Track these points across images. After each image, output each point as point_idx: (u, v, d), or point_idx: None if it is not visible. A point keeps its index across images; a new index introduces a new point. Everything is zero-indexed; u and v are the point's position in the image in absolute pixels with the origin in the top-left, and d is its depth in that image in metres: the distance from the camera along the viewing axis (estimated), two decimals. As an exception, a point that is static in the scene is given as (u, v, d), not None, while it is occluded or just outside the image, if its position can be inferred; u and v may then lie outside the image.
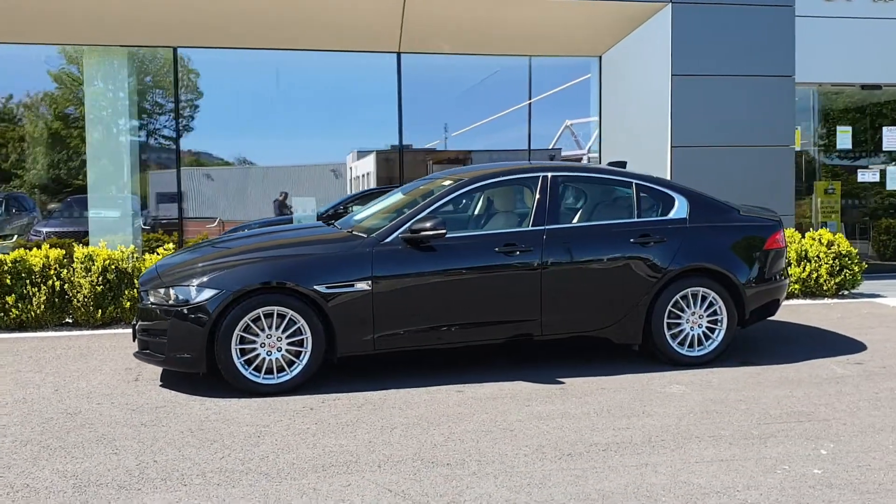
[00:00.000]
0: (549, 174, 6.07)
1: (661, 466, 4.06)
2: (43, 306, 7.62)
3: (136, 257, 8.04)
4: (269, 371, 5.41)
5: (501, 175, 6.21)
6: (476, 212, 6.55)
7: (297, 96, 12.66)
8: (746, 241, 6.24)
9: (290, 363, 5.44)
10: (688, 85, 10.06)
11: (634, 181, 6.22)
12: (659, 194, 6.23)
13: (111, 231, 11.55)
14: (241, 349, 5.36)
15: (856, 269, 9.06)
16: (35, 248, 7.96)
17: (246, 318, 5.33)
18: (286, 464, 4.13)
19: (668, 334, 6.04)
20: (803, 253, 9.07)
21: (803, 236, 9.31)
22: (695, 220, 6.17)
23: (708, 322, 6.14)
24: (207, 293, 5.31)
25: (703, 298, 6.11)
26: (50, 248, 7.96)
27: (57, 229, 12.99)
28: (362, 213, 6.50)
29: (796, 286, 9.01)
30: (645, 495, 3.71)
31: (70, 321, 7.93)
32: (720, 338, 6.14)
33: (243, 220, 12.25)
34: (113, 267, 7.80)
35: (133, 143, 12.03)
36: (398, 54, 11.16)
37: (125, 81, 11.48)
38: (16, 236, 12.45)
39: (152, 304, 5.51)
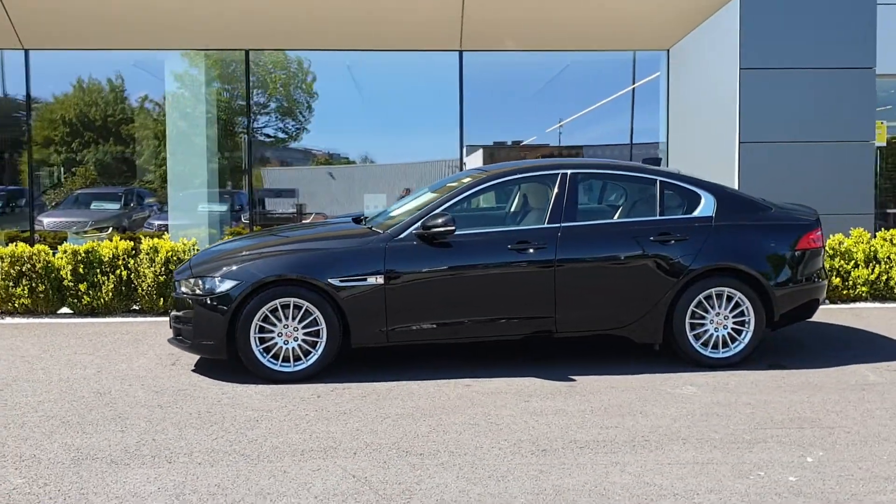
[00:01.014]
0: (569, 171, 6.05)
1: (631, 466, 4.04)
2: (111, 294, 8.18)
3: (198, 249, 8.49)
4: (287, 359, 5.66)
5: (520, 172, 6.24)
6: (494, 209, 6.60)
7: (409, 95, 12.96)
8: (777, 241, 6.03)
9: (307, 352, 5.68)
10: (758, 78, 9.72)
11: (659, 178, 6.12)
12: (684, 192, 6.11)
13: (214, 225, 12.24)
14: (260, 338, 5.63)
15: (931, 271, 8.54)
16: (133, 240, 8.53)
17: (264, 309, 5.59)
18: (270, 447, 4.35)
19: (690, 335, 5.92)
20: (872, 254, 8.62)
21: (874, 236, 8.84)
22: (722, 218, 6.01)
23: (734, 323, 5.97)
24: (228, 284, 5.61)
25: (729, 299, 5.95)
26: (120, 240, 8.52)
27: (166, 222, 13.84)
28: (392, 212, 6.67)
29: (864, 289, 8.58)
30: (599, 493, 3.71)
31: (136, 308, 8.47)
32: (747, 339, 5.96)
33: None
34: (175, 258, 8.27)
35: (246, 141, 12.69)
36: (460, 52, 11.27)
37: (239, 83, 12.03)
38: (110, 228, 13.28)
39: (183, 293, 5.86)
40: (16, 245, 8.27)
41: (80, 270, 8.23)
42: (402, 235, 5.77)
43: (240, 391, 5.45)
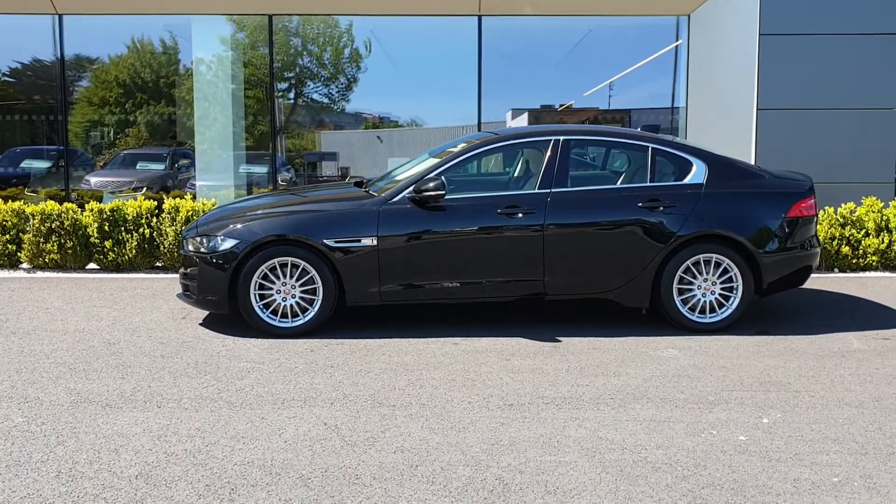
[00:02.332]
0: (561, 138, 6.17)
1: (589, 422, 4.23)
2: (134, 251, 8.57)
3: (217, 209, 8.80)
4: (285, 315, 5.94)
5: (513, 139, 6.39)
6: (488, 174, 6.75)
7: (455, 59, 13.09)
8: (767, 209, 6.09)
9: (304, 309, 5.95)
10: (777, 44, 9.62)
11: (651, 145, 6.21)
12: (676, 159, 6.19)
13: (244, 186, 12.59)
14: (259, 294, 5.91)
15: (944, 241, 8.47)
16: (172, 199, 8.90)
17: (263, 267, 5.87)
18: (254, 396, 4.64)
19: (677, 300, 6.04)
20: (884, 223, 8.56)
21: (886, 205, 8.77)
22: (712, 185, 6.09)
23: (722, 289, 6.08)
24: (230, 243, 5.89)
25: (718, 265, 6.05)
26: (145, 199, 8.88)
27: (207, 183, 14.24)
28: (396, 176, 6.86)
29: (874, 258, 8.55)
30: (551, 445, 3.91)
31: (159, 265, 8.85)
32: (734, 305, 6.07)
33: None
34: (195, 217, 8.60)
35: (283, 105, 12.94)
36: (479, 17, 11.32)
37: (273, 48, 12.28)
38: (145, 188, 13.70)
39: (190, 251, 6.16)
40: (46, 203, 8.68)
41: (106, 228, 8.61)
42: (395, 199, 5.97)
43: (239, 344, 5.76)
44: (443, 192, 5.83)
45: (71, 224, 8.56)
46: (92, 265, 8.90)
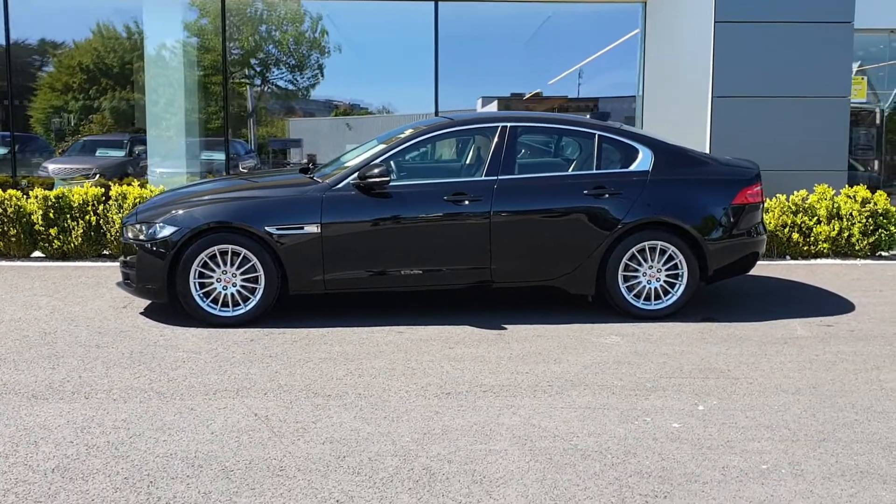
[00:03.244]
0: (509, 125, 6.11)
1: (524, 409, 4.19)
2: (80, 239, 8.38)
3: (166, 197, 8.63)
4: (226, 304, 5.83)
5: (461, 125, 6.32)
6: (437, 161, 6.68)
7: (423, 46, 12.97)
8: (713, 196, 6.09)
9: (246, 298, 5.84)
10: (732, 32, 9.64)
11: (597, 132, 6.17)
12: (622, 146, 6.16)
13: (200, 173, 12.39)
14: (200, 283, 5.80)
15: (893, 229, 8.55)
16: (78, 187, 8.71)
17: (202, 255, 5.75)
18: (186, 386, 4.54)
19: (622, 287, 6.03)
20: (835, 210, 8.63)
21: (837, 193, 8.84)
22: (658, 172, 6.07)
23: (668, 276, 6.07)
24: (169, 230, 5.77)
25: (663, 252, 6.04)
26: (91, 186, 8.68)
27: (169, 169, 14.00)
28: (346, 162, 6.75)
29: (825, 245, 8.61)
30: (484, 433, 3.87)
31: (107, 253, 8.68)
32: (679, 292, 6.07)
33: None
34: (143, 205, 8.43)
35: (253, 92, 12.73)
36: (435, 2, 11.21)
37: (225, 32, 12.05)
38: (98, 175, 13.43)
39: (130, 238, 6.02)
40: (-12, 190, 8.46)
41: (51, 215, 8.42)
42: (339, 185, 5.88)
43: (178, 334, 5.64)
44: (387, 179, 5.75)
45: (14, 211, 8.36)
46: (37, 253, 8.70)
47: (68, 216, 8.42)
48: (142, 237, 5.88)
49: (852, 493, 3.28)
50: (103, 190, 8.66)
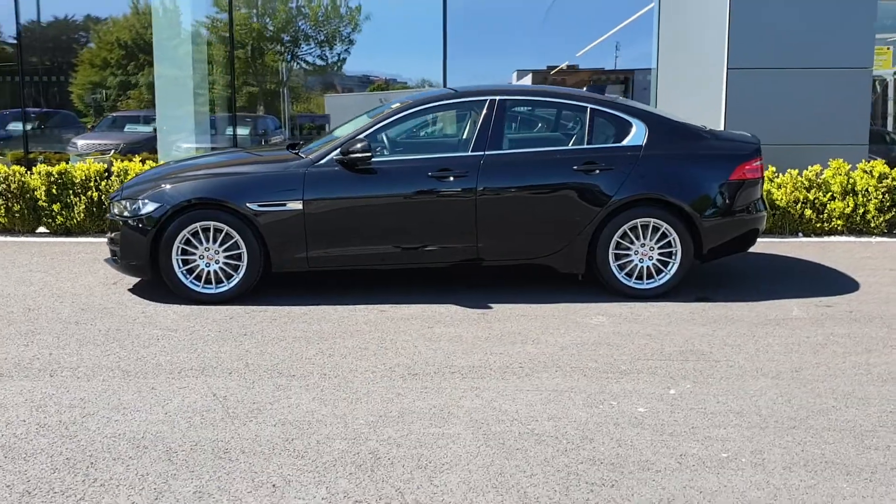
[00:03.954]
0: (497, 98, 5.94)
1: (488, 392, 4.08)
2: (83, 215, 8.42)
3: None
4: (209, 281, 5.79)
5: (448, 99, 6.17)
6: (425, 136, 6.54)
7: (462, 18, 12.79)
8: (709, 171, 5.88)
9: (229, 276, 5.79)
10: (748, 1, 9.30)
11: (590, 106, 5.98)
12: (615, 119, 5.96)
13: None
14: (183, 259, 5.76)
15: (911, 205, 8.23)
16: (80, 163, 8.73)
17: (185, 231, 5.70)
18: (153, 365, 4.50)
19: (613, 265, 5.86)
20: (850, 186, 8.32)
21: (854, 168, 8.52)
22: (652, 147, 5.87)
23: (661, 255, 5.89)
24: (151, 206, 5.73)
25: (656, 230, 5.85)
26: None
27: (194, 145, 14.05)
28: (333, 138, 6.65)
29: (839, 222, 8.32)
30: (441, 416, 3.77)
31: (110, 229, 8.70)
32: (672, 271, 5.89)
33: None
34: (144, 181, 8.42)
35: (287, 68, 12.68)
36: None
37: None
38: (112, 151, 13.50)
39: (115, 214, 6.00)
40: (-7, 166, 8.52)
41: (54, 191, 8.46)
42: (322, 161, 5.78)
43: (160, 311, 5.62)
44: (369, 154, 5.63)
45: (18, 187, 8.41)
46: (42, 229, 8.76)
47: (71, 192, 8.46)
48: (126, 213, 5.85)
49: (811, 485, 3.13)
50: (105, 166, 8.67)
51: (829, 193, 8.35)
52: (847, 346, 4.85)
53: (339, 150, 5.75)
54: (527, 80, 13.47)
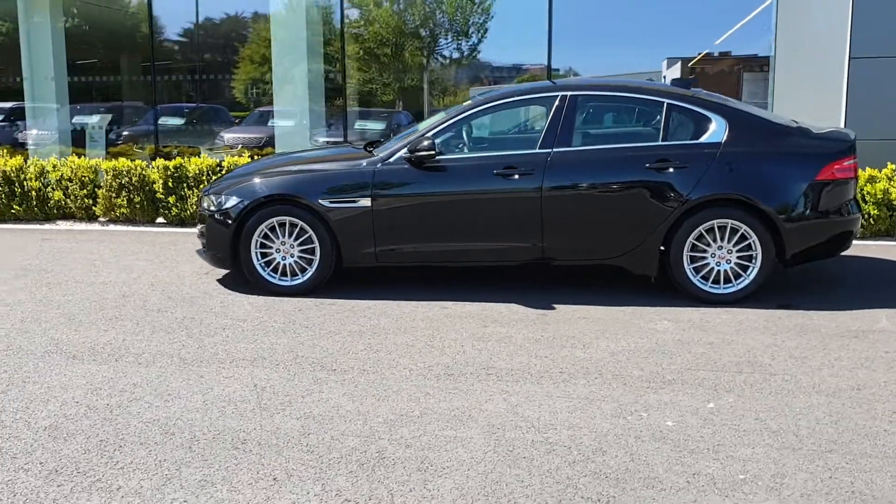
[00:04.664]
0: (569, 93, 5.82)
1: (516, 396, 4.04)
2: (195, 207, 8.93)
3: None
4: (285, 273, 6.02)
5: (518, 95, 6.10)
6: (499, 133, 6.48)
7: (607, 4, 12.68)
8: (793, 170, 5.52)
9: (303, 269, 6.01)
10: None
11: (666, 101, 5.75)
12: (693, 115, 5.70)
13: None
14: (262, 252, 6.02)
15: None
16: (194, 158, 9.26)
17: (263, 226, 5.95)
18: (210, 354, 4.74)
19: (688, 268, 5.63)
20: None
21: None
22: (732, 144, 5.57)
23: (741, 258, 5.60)
24: (233, 201, 6.02)
25: (734, 232, 5.57)
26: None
27: (329, 139, 14.66)
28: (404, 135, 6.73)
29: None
30: (460, 418, 3.77)
31: (220, 220, 9.18)
32: (752, 276, 5.58)
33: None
34: (251, 175, 8.84)
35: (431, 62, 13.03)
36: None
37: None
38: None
39: (204, 208, 6.35)
40: (118, 160, 9.19)
41: (170, 184, 9.02)
42: (391, 160, 5.87)
43: (237, 301, 5.90)
44: (433, 153, 5.67)
45: (139, 180, 9.03)
46: (160, 219, 9.37)
47: (185, 185, 8.99)
48: (212, 208, 6.17)
49: (823, 516, 2.91)
50: (217, 161, 9.15)
51: (959, 193, 7.63)
52: (929, 364, 4.45)
53: (406, 148, 5.81)
54: (675, 69, 13.04)
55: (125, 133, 14.68)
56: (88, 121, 13.59)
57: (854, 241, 5.99)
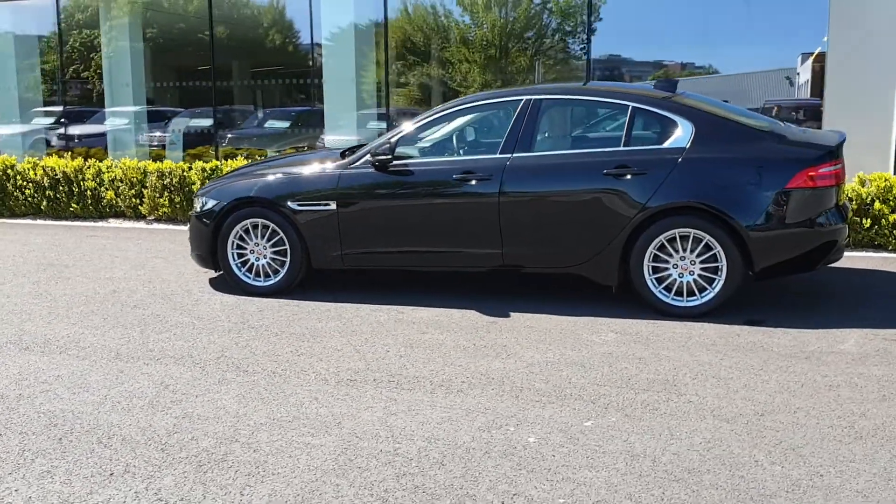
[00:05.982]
0: (532, 98, 5.69)
1: (398, 405, 4.00)
2: (229, 207, 9.28)
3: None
4: (259, 274, 6.19)
5: (485, 99, 5.99)
6: (458, 137, 6.36)
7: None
8: (761, 177, 5.18)
9: (276, 271, 6.15)
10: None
11: (631, 104, 5.51)
12: (659, 119, 5.45)
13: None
14: (238, 253, 6.21)
15: None
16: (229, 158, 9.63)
17: (238, 227, 6.14)
18: (147, 350, 4.93)
19: (649, 279, 5.39)
20: None
21: None
22: (696, 150, 5.29)
23: (705, 269, 5.31)
24: (212, 203, 6.24)
25: (698, 242, 5.29)
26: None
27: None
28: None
29: None
30: (325, 425, 3.77)
31: (254, 220, 9.52)
32: (717, 288, 5.28)
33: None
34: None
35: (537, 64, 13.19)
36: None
37: None
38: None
39: (194, 209, 6.61)
40: (163, 162, 9.68)
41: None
42: (357, 163, 5.92)
43: (211, 300, 6.11)
44: (389, 157, 5.69)
45: (179, 180, 9.48)
46: (201, 218, 9.79)
47: (220, 186, 9.35)
48: (197, 209, 6.42)
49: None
50: (250, 161, 9.46)
51: None
52: (865, 392, 4.08)
53: (370, 152, 5.85)
54: (807, 64, 12.34)
55: (229, 136, 15.37)
56: (172, 126, 14.33)
57: (874, 254, 5.54)
